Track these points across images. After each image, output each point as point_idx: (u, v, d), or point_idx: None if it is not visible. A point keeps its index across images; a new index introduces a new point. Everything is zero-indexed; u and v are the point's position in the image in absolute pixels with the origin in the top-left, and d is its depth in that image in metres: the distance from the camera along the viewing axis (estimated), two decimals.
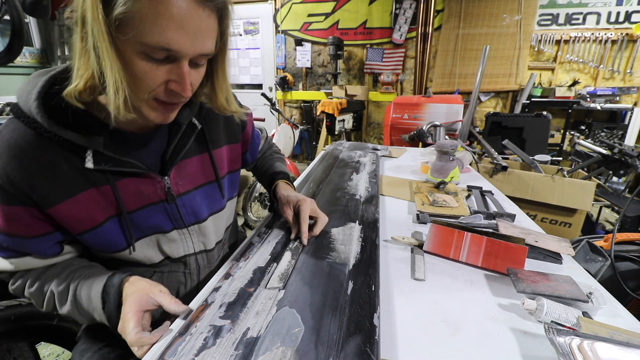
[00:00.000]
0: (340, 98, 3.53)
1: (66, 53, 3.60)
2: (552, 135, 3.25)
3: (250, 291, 0.55)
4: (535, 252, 0.72)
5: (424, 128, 2.14)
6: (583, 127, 3.40)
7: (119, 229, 0.55)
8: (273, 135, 2.82)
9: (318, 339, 0.44)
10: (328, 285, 0.56)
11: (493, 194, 1.11)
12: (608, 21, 3.25)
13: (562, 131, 3.30)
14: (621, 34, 3.21)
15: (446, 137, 2.21)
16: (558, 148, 3.27)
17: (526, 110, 3.45)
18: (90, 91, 0.44)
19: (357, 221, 0.81)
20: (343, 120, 3.46)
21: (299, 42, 4.13)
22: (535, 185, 1.69)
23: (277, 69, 4.39)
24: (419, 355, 0.47)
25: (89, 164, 0.49)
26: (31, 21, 3.83)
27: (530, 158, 1.97)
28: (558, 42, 3.39)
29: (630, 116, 3.22)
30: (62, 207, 0.49)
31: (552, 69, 3.48)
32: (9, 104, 2.41)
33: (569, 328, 0.49)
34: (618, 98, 3.32)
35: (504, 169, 1.75)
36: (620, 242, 1.12)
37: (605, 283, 0.71)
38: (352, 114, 3.73)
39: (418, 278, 0.65)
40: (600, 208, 2.37)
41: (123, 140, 0.54)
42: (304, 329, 0.46)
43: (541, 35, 3.41)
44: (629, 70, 3.28)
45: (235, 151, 0.74)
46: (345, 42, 3.86)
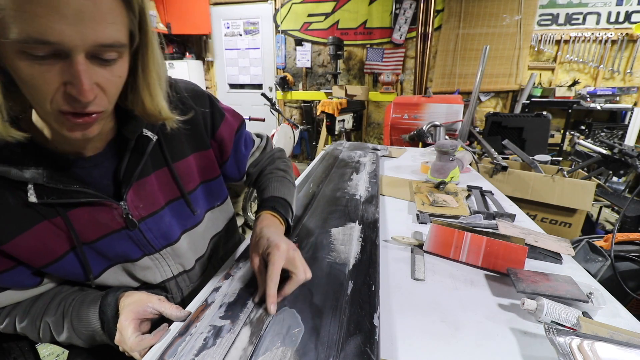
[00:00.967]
0: (340, 98, 3.53)
1: None
2: (552, 135, 3.25)
3: (251, 291, 0.55)
4: (535, 252, 0.72)
5: (424, 128, 2.14)
6: (583, 127, 3.40)
7: (78, 263, 0.51)
8: (273, 135, 2.82)
9: (318, 339, 0.44)
10: (328, 285, 0.56)
11: (493, 194, 1.11)
12: (608, 21, 3.24)
13: (562, 131, 3.30)
14: (621, 34, 3.21)
15: (446, 137, 2.21)
16: (558, 148, 3.27)
17: (526, 110, 3.45)
18: None
19: (357, 221, 0.81)
20: (343, 120, 3.47)
21: (299, 42, 4.13)
22: (535, 185, 1.69)
23: (277, 69, 4.39)
24: (419, 355, 0.47)
25: (32, 198, 0.44)
26: None
27: (530, 158, 1.96)
28: (558, 42, 3.39)
29: (630, 116, 3.22)
30: (18, 242, 0.46)
31: (552, 69, 3.48)
32: None
33: (569, 328, 0.49)
34: (618, 98, 3.32)
35: (504, 169, 1.75)
36: (620, 242, 1.12)
37: (605, 283, 0.71)
38: (352, 114, 3.73)
39: (418, 278, 0.65)
40: (600, 208, 2.38)
41: (69, 166, 0.48)
42: (304, 329, 0.46)
43: (541, 35, 3.41)
44: (629, 70, 3.28)
45: (207, 158, 0.65)
46: (345, 42, 3.86)
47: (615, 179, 2.86)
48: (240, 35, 4.42)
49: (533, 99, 3.41)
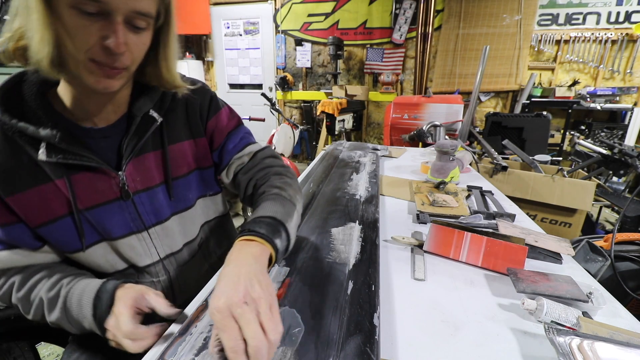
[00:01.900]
0: (340, 98, 3.53)
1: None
2: (552, 135, 3.26)
3: None
4: (535, 252, 0.72)
5: (424, 128, 2.14)
6: (583, 127, 3.40)
7: (73, 227, 0.54)
8: (273, 135, 2.82)
9: (318, 339, 0.44)
10: (328, 285, 0.56)
11: (493, 194, 1.11)
12: (608, 21, 3.25)
13: (562, 131, 3.30)
14: (621, 34, 3.21)
15: (446, 137, 2.21)
16: (558, 148, 3.27)
17: (526, 110, 3.45)
18: (23, 52, 0.45)
19: (357, 221, 0.81)
20: (343, 120, 3.47)
21: (299, 42, 4.14)
22: (535, 185, 1.69)
23: (277, 69, 4.40)
24: (419, 355, 0.47)
25: (42, 156, 0.49)
26: None
27: (530, 158, 1.96)
28: (558, 42, 3.40)
29: (630, 116, 3.22)
30: (21, 197, 0.50)
31: (552, 69, 3.49)
32: None
33: (569, 328, 0.49)
34: (618, 98, 3.32)
35: (504, 169, 1.75)
36: (620, 242, 1.12)
37: (605, 283, 0.71)
38: (352, 114, 3.73)
39: (418, 278, 0.65)
40: (600, 208, 2.38)
41: (80, 134, 0.54)
42: (304, 329, 0.46)
43: (541, 35, 3.41)
44: (629, 70, 3.28)
45: (204, 146, 0.67)
46: (345, 42, 3.86)
47: (615, 179, 2.86)
48: (240, 35, 4.42)
49: (533, 99, 3.42)
